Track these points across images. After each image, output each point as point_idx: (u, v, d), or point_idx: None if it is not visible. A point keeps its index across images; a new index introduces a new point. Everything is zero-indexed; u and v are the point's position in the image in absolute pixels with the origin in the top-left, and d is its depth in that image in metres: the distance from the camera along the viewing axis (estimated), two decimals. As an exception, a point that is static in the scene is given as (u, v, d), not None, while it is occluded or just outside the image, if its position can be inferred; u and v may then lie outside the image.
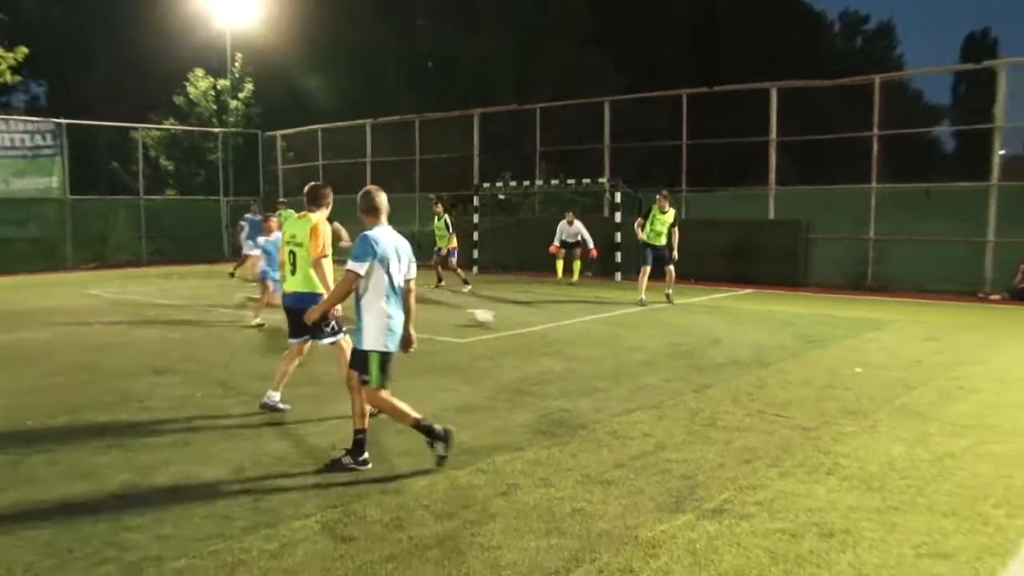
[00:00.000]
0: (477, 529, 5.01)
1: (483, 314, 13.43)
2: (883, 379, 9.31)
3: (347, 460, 6.15)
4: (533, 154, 25.79)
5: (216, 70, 32.43)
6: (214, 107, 31.90)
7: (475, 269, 23.92)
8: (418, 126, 27.94)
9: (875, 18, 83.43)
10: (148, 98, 34.67)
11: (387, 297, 6.04)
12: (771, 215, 20.97)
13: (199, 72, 32.15)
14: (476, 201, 24.76)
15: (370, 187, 6.37)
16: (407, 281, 6.24)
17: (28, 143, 25.88)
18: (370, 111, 30.41)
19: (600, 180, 22.86)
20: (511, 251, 24.20)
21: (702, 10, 52.94)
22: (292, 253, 7.63)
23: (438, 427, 6.16)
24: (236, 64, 31.88)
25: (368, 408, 6.26)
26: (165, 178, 31.61)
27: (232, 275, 22.03)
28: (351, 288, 6.05)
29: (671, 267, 16.13)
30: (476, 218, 24.54)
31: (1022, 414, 7.77)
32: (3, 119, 26.91)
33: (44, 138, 26.18)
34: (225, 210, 30.38)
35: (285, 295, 7.85)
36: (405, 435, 7.03)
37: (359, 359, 6.11)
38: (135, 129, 30.71)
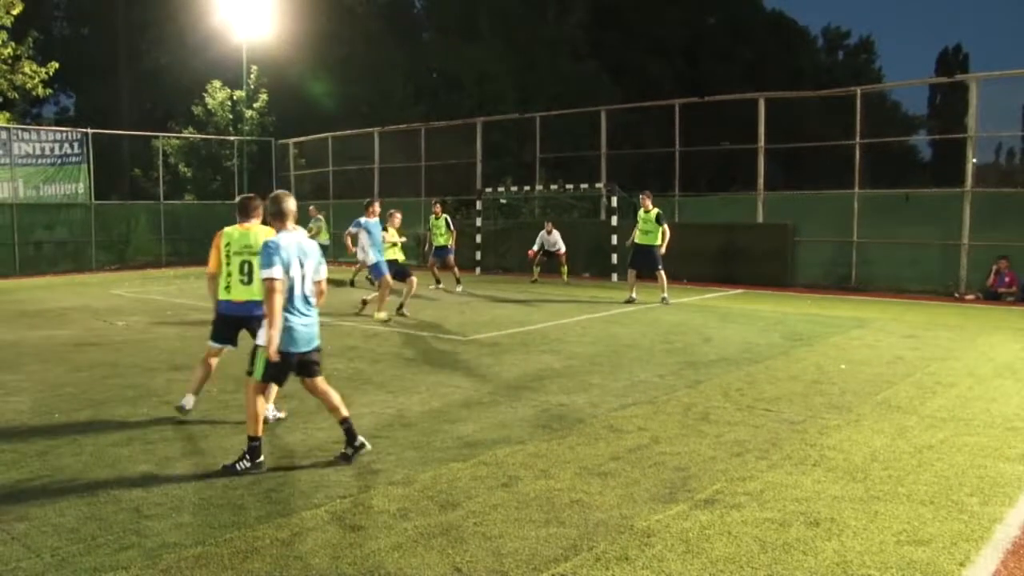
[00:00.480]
0: (480, 519, 4.98)
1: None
2: (866, 375, 9.28)
3: (348, 451, 6.12)
4: (533, 160, 25.78)
5: (232, 82, 32.42)
6: (230, 116, 31.89)
7: (477, 270, 23.90)
8: (424, 134, 27.93)
9: (856, 33, 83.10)
10: (169, 108, 34.68)
11: (288, 301, 5.92)
12: (760, 219, 20.95)
13: (216, 84, 32.15)
14: (479, 205, 24.73)
15: (279, 192, 6.19)
16: (316, 283, 6.14)
17: (57, 152, 25.93)
18: (378, 120, 30.42)
19: (597, 185, 22.85)
20: (512, 253, 24.17)
21: (692, 26, 52.94)
22: (247, 263, 7.25)
23: (262, 456, 5.97)
24: (251, 76, 31.86)
25: (336, 400, 6.18)
26: (184, 184, 31.59)
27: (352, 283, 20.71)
28: (281, 294, 5.81)
29: (662, 272, 16.03)
30: (479, 221, 24.52)
31: (994, 407, 7.74)
32: (34, 129, 26.98)
33: (71, 147, 26.21)
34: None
35: (234, 304, 7.40)
36: (411, 429, 7.02)
37: (253, 352, 6.08)
38: (156, 138, 30.71)
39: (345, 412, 6.19)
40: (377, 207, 14.26)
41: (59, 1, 43.48)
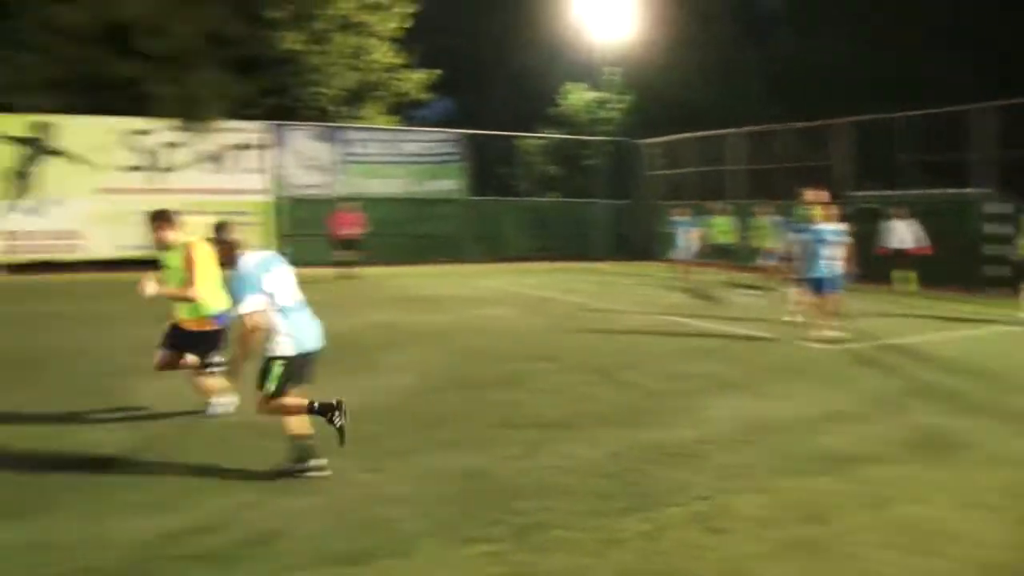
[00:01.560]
0: (844, 537, 4.76)
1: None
2: None
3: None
4: (900, 162, 24.06)
5: (592, 84, 33.64)
6: (590, 117, 33.05)
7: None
8: (780, 135, 27.04)
9: None
10: (533, 110, 36.58)
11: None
12: None
13: (575, 85, 33.54)
14: (843, 209, 23.48)
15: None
16: None
17: (435, 151, 28.34)
18: (734, 121, 29.86)
19: (969, 189, 20.83)
20: (874, 260, 22.69)
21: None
22: None
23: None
24: (611, 78, 32.86)
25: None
26: (548, 182, 33.13)
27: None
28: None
29: None
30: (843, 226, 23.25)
31: None
32: (416, 130, 29.72)
33: (448, 146, 28.50)
34: (600, 213, 31.05)
35: None
36: (774, 435, 6.81)
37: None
38: (521, 138, 32.52)
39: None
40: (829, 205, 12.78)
41: (437, 15, 47.49)
